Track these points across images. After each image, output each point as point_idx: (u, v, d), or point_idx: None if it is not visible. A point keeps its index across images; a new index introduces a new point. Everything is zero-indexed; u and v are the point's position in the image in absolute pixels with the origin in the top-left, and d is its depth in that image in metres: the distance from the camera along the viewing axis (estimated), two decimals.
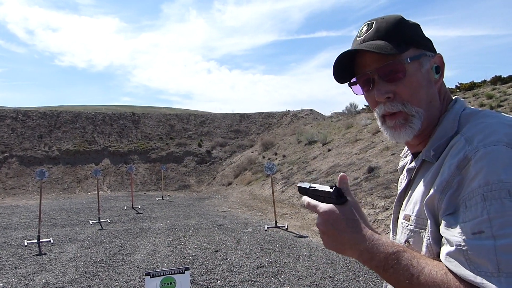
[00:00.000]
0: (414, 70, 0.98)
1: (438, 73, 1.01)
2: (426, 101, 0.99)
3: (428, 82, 0.99)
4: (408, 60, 0.97)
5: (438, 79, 1.01)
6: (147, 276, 3.57)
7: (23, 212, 13.46)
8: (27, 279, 5.93)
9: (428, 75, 0.99)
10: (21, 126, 25.86)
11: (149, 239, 8.61)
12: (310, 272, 5.95)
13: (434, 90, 1.00)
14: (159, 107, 55.89)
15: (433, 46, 1.03)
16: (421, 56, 0.99)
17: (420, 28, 1.03)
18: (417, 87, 0.98)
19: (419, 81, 0.98)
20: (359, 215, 0.92)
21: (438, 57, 1.01)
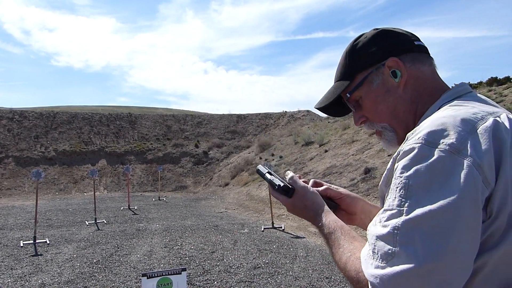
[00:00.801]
0: (366, 92, 1.05)
1: (396, 77, 1.00)
2: (387, 112, 1.03)
3: (385, 93, 1.02)
4: (348, 94, 1.08)
5: (400, 82, 1.00)
6: (143, 277, 3.57)
7: (19, 212, 13.41)
8: (23, 280, 5.91)
9: (382, 86, 1.02)
10: (17, 126, 25.77)
11: (146, 240, 8.59)
12: (307, 273, 5.96)
13: (397, 96, 1.01)
14: (156, 108, 55.85)
15: (394, 46, 1.02)
16: (368, 76, 1.03)
17: (380, 35, 1.05)
18: (372, 107, 1.05)
19: (372, 100, 1.04)
20: (310, 199, 1.10)
21: (390, 61, 1.01)
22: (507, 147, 0.77)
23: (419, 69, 1.01)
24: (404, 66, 1.00)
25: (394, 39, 1.03)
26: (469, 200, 0.72)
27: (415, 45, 1.03)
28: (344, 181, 11.45)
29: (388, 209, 0.78)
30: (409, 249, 0.72)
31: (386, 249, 0.75)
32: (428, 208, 0.72)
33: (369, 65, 1.04)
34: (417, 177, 0.76)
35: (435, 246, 0.70)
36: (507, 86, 16.25)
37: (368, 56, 1.04)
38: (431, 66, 1.03)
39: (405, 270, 0.71)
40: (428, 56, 1.05)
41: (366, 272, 0.78)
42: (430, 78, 1.01)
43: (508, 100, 13.68)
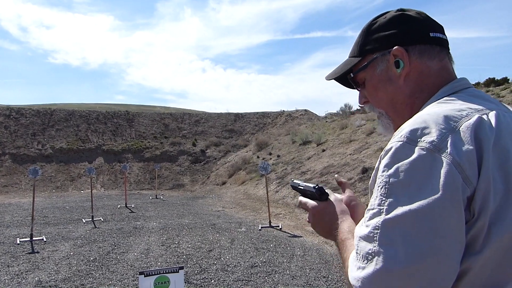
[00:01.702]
0: (369, 76, 1.05)
1: (399, 67, 0.98)
2: (385, 100, 1.03)
3: (386, 81, 1.01)
4: (352, 74, 1.09)
5: (401, 73, 0.98)
6: (141, 275, 3.57)
7: (16, 210, 13.38)
8: (20, 277, 5.89)
9: (385, 74, 1.01)
10: (14, 123, 25.70)
11: (143, 238, 8.59)
12: (304, 272, 5.97)
13: (396, 87, 1.00)
14: (154, 106, 55.74)
15: (406, 34, 0.99)
16: (373, 60, 1.02)
17: (396, 20, 1.01)
18: (373, 91, 1.05)
19: (374, 85, 1.04)
20: (340, 208, 1.06)
21: (395, 50, 0.98)
22: (489, 145, 0.76)
23: (425, 63, 0.98)
24: (408, 57, 0.97)
25: (408, 27, 0.99)
26: (449, 199, 0.71)
27: (429, 37, 0.98)
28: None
29: (370, 208, 0.78)
30: (389, 249, 0.70)
31: (367, 249, 0.74)
32: (408, 208, 0.71)
33: (377, 50, 1.02)
34: (397, 175, 0.75)
35: (417, 247, 0.69)
36: (505, 87, 16.31)
37: (379, 39, 1.02)
38: (441, 61, 0.99)
39: (384, 270, 0.70)
40: (442, 50, 1.00)
41: (350, 275, 0.77)
42: (436, 74, 0.98)
43: (505, 101, 13.72)
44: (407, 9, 1.03)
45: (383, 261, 0.70)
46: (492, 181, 0.74)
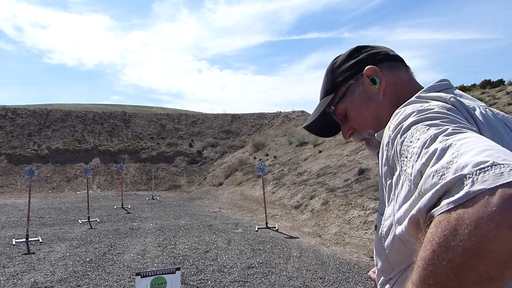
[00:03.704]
0: (350, 103, 1.10)
1: (376, 84, 1.04)
2: (371, 118, 1.06)
3: (367, 100, 1.06)
4: (333, 107, 1.12)
5: (379, 88, 1.04)
6: (137, 276, 3.56)
7: (12, 210, 13.32)
8: (16, 278, 5.87)
9: (364, 95, 1.07)
10: (10, 124, 25.60)
11: (139, 239, 8.57)
12: (301, 273, 5.97)
13: (378, 102, 1.05)
14: (150, 107, 55.72)
15: (370, 57, 1.08)
16: (348, 87, 1.09)
17: (356, 50, 1.12)
18: (357, 116, 1.09)
19: (356, 109, 1.09)
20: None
21: (368, 70, 1.05)
22: (478, 117, 0.82)
23: (396, 75, 1.05)
24: (382, 73, 1.04)
25: (370, 51, 1.09)
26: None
27: (390, 55, 1.08)
28: (338, 181, 11.48)
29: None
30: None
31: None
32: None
33: (350, 77, 1.09)
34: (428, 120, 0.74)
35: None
36: (500, 88, 16.36)
37: (347, 69, 1.10)
38: (407, 72, 1.08)
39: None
40: (403, 64, 1.09)
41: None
42: (408, 83, 1.05)
43: (501, 102, 13.78)
44: (362, 44, 1.14)
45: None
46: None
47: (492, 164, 0.54)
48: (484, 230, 0.50)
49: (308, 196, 11.50)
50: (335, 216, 9.36)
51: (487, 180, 0.52)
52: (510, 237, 0.48)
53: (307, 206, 10.98)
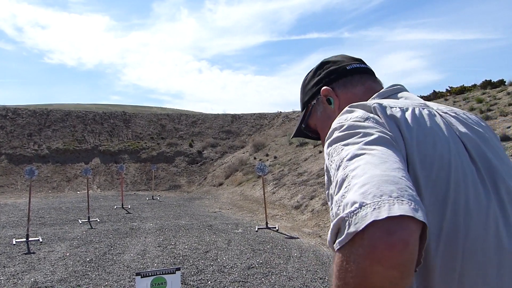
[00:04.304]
0: (315, 121, 1.21)
1: (331, 103, 1.14)
2: None
3: (327, 119, 1.15)
4: (303, 125, 1.25)
5: (334, 108, 1.13)
6: (137, 276, 3.56)
7: (12, 210, 13.32)
8: (16, 278, 5.87)
9: (325, 114, 1.17)
10: (10, 124, 25.61)
11: (139, 239, 8.57)
12: (301, 273, 5.97)
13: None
14: (150, 107, 55.74)
15: (327, 76, 1.17)
16: (312, 107, 1.20)
17: (318, 68, 1.21)
18: (322, 131, 1.20)
19: (319, 127, 1.21)
20: None
21: (323, 91, 1.15)
22: (401, 122, 0.87)
23: (351, 92, 1.13)
24: (334, 92, 1.14)
25: (328, 70, 1.17)
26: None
27: (347, 69, 1.15)
28: None
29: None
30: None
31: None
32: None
33: (312, 98, 1.20)
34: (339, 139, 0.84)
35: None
36: (501, 89, 16.37)
37: (310, 89, 1.21)
38: (364, 85, 1.14)
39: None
40: (362, 76, 1.15)
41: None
42: (362, 98, 1.09)
43: (501, 103, 13.78)
44: (324, 59, 1.22)
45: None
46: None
47: (361, 206, 0.62)
48: (362, 266, 0.59)
49: (308, 197, 11.50)
50: None
51: (357, 222, 0.61)
52: (381, 270, 0.57)
53: (307, 206, 10.98)
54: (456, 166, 0.81)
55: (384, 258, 0.57)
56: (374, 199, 0.62)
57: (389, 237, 0.58)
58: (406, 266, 0.58)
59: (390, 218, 0.59)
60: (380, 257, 0.57)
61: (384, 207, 0.60)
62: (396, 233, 0.58)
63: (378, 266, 0.58)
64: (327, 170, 0.86)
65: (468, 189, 0.80)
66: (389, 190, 0.63)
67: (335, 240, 0.66)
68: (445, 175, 0.80)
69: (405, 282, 0.59)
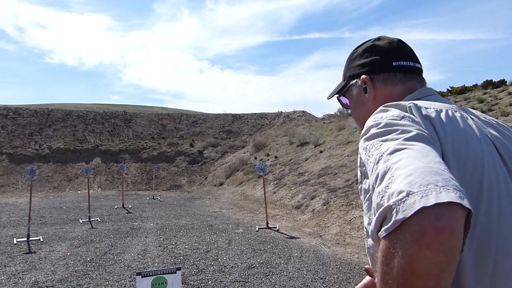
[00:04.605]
0: (350, 98, 1.25)
1: (366, 93, 1.16)
2: (360, 119, 1.19)
3: (360, 103, 1.20)
4: (338, 95, 1.30)
5: (368, 98, 1.16)
6: (138, 275, 3.56)
7: (13, 210, 13.33)
8: (17, 277, 5.87)
9: (359, 97, 1.20)
10: (11, 123, 25.63)
11: (140, 238, 8.57)
12: (301, 273, 5.97)
13: (367, 109, 1.16)
14: (151, 107, 55.72)
15: (371, 64, 1.16)
16: (350, 86, 1.22)
17: (368, 51, 1.19)
18: (352, 110, 1.25)
19: (352, 105, 1.25)
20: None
21: (362, 79, 1.16)
22: (437, 123, 0.89)
23: (388, 89, 1.13)
24: (373, 84, 1.15)
25: (375, 58, 1.16)
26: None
27: (392, 65, 1.14)
28: (339, 182, 11.47)
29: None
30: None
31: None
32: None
33: (353, 77, 1.21)
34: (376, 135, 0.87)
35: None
36: (502, 89, 16.35)
37: (355, 67, 1.21)
38: (405, 85, 1.13)
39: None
40: (406, 75, 1.14)
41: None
42: (398, 98, 1.10)
43: (503, 103, 13.77)
44: (382, 38, 1.20)
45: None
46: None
47: (408, 194, 0.64)
48: (410, 252, 0.61)
49: (309, 196, 11.50)
50: (336, 216, 9.35)
51: (406, 209, 0.63)
52: (429, 254, 0.60)
53: (308, 206, 10.97)
54: (489, 168, 0.83)
55: (432, 243, 0.60)
56: (421, 188, 0.64)
57: (438, 222, 0.60)
58: (453, 251, 0.61)
59: (438, 205, 0.61)
60: (428, 242, 0.60)
61: (432, 195, 0.62)
62: (444, 218, 0.61)
63: (426, 251, 0.60)
64: (362, 165, 0.90)
65: (501, 191, 0.81)
66: (434, 180, 0.65)
67: (380, 229, 0.68)
68: (479, 176, 0.82)
69: (451, 268, 0.61)
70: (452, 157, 0.82)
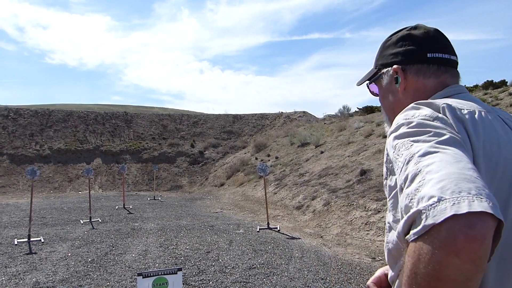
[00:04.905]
0: (380, 87, 1.22)
1: (397, 83, 1.13)
2: (389, 109, 1.19)
3: (390, 93, 1.17)
4: (368, 82, 1.27)
5: (399, 89, 1.13)
6: (139, 276, 3.56)
7: (13, 210, 13.34)
8: (17, 278, 5.88)
9: (389, 87, 1.17)
10: (12, 124, 25.65)
11: (141, 239, 8.57)
12: (302, 274, 5.97)
13: (397, 99, 1.15)
14: (152, 107, 55.75)
15: (405, 54, 1.12)
16: (382, 74, 1.19)
17: (403, 39, 1.15)
18: (381, 99, 1.23)
19: (381, 94, 1.22)
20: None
21: (394, 69, 1.13)
22: (470, 125, 0.87)
23: (420, 81, 1.10)
24: (405, 75, 1.12)
25: (410, 47, 1.12)
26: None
27: (427, 57, 1.09)
28: (340, 182, 11.47)
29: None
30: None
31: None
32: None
33: (385, 65, 1.18)
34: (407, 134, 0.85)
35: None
36: (503, 89, 16.33)
37: (388, 56, 1.18)
38: (438, 79, 1.09)
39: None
40: (440, 68, 1.09)
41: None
42: (430, 91, 1.09)
43: (503, 103, 13.76)
44: (419, 27, 1.16)
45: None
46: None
47: (439, 200, 0.64)
48: (438, 258, 0.61)
49: (309, 197, 11.49)
50: (337, 217, 9.35)
51: (436, 215, 0.62)
52: (458, 262, 0.59)
53: (309, 207, 10.97)
54: None
55: (462, 250, 0.59)
56: (453, 195, 0.64)
57: (469, 230, 0.60)
58: (482, 260, 0.60)
59: (470, 213, 0.61)
60: (458, 250, 0.60)
61: (464, 203, 0.62)
62: (476, 227, 0.60)
63: (454, 258, 0.60)
64: (388, 162, 0.89)
65: None
66: (467, 188, 0.65)
67: (408, 232, 0.68)
68: (509, 179, 0.82)
69: (477, 278, 0.61)
70: (483, 160, 0.82)
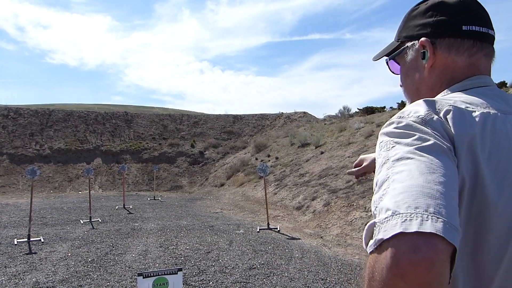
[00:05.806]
0: (403, 63, 1.07)
1: (424, 58, 0.97)
2: (412, 88, 1.04)
3: (414, 70, 1.02)
4: (387, 58, 1.12)
5: (426, 65, 0.98)
6: (139, 276, 3.56)
7: (13, 210, 13.34)
8: (17, 278, 5.87)
9: (414, 63, 1.02)
10: (12, 123, 25.65)
11: (141, 239, 8.57)
12: (302, 274, 5.96)
13: (422, 77, 1.00)
14: (152, 107, 55.73)
15: (436, 25, 0.97)
16: (405, 48, 1.04)
17: (433, 8, 0.98)
18: (403, 77, 1.07)
19: (404, 71, 1.07)
20: None
21: (421, 42, 0.98)
22: (461, 138, 0.78)
23: (451, 58, 0.95)
24: (434, 50, 0.96)
25: (441, 18, 0.96)
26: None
27: (462, 30, 0.94)
28: (340, 183, 11.46)
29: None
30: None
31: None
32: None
33: (410, 38, 1.02)
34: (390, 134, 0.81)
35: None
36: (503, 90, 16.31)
37: (414, 28, 1.01)
38: (471, 57, 0.95)
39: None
40: (475, 44, 0.95)
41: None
42: (460, 71, 0.96)
43: None
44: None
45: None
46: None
47: (393, 214, 0.61)
48: (385, 278, 0.57)
49: (310, 197, 11.49)
50: (337, 217, 9.35)
51: (386, 230, 0.60)
52: (402, 284, 0.55)
53: (309, 207, 10.97)
54: None
55: (407, 274, 0.55)
56: (408, 210, 0.60)
57: (412, 254, 0.56)
58: (433, 285, 0.55)
59: (418, 233, 0.57)
60: (403, 273, 0.56)
61: (416, 221, 0.58)
62: (421, 251, 0.56)
63: (400, 282, 0.56)
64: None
65: None
66: (425, 204, 0.60)
67: (368, 242, 0.65)
68: None
69: None
70: (488, 170, 0.75)
